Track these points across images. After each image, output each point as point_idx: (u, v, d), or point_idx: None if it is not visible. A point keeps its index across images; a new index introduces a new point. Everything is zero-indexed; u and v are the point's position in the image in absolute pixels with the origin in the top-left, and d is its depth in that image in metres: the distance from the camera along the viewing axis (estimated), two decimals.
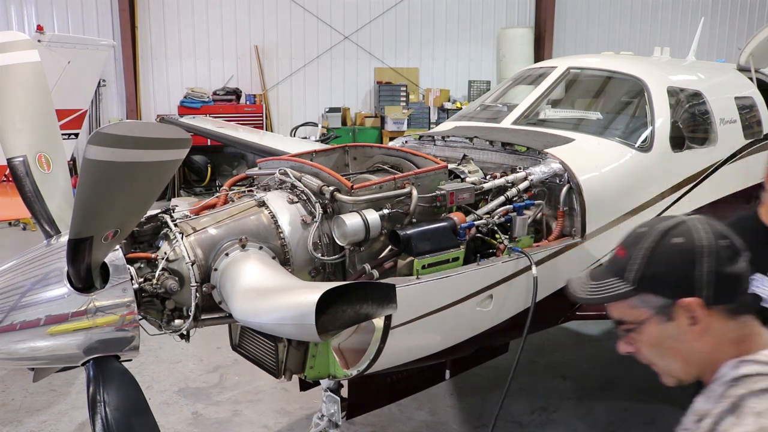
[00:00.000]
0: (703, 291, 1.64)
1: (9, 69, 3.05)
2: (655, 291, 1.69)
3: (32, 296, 2.60)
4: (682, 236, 1.68)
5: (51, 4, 13.42)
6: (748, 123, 5.71)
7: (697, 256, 1.64)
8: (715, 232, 1.67)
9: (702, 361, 1.70)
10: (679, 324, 1.68)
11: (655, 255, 1.69)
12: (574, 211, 3.98)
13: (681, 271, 1.66)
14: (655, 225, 1.75)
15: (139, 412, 2.59)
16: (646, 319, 1.71)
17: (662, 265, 1.68)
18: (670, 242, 1.68)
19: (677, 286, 1.66)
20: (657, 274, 1.69)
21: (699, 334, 1.67)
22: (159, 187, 2.37)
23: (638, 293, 1.71)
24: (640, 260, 1.71)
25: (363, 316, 2.48)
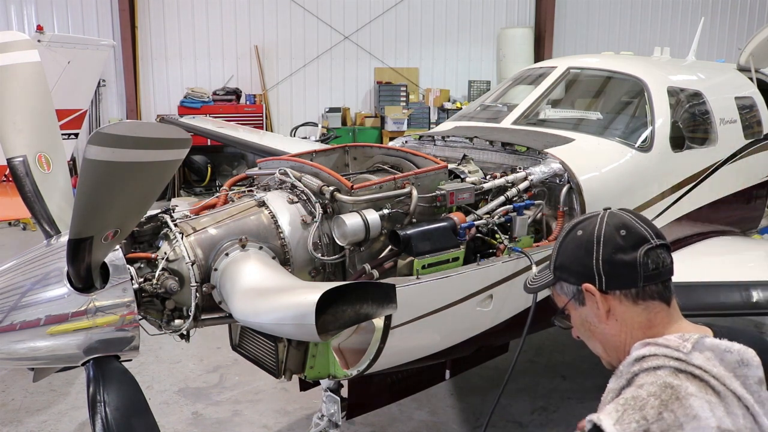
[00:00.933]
0: (597, 277, 1.81)
1: (9, 69, 3.05)
2: (566, 279, 1.90)
3: (32, 296, 2.60)
4: (583, 229, 1.87)
5: (51, 4, 13.42)
6: (748, 123, 5.72)
7: (594, 245, 1.82)
8: (616, 225, 1.83)
9: (616, 343, 1.85)
10: (590, 308, 1.86)
11: (563, 247, 1.92)
12: (574, 211, 3.98)
13: (580, 260, 1.84)
14: (574, 220, 1.96)
15: (139, 412, 2.59)
16: (567, 304, 1.93)
17: (568, 256, 1.89)
18: (574, 234, 1.88)
19: (579, 273, 1.85)
20: (565, 264, 1.90)
21: (605, 317, 1.84)
22: (159, 187, 2.37)
23: (557, 282, 1.94)
24: (555, 252, 1.94)
25: (363, 316, 2.48)
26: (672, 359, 1.65)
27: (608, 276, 1.80)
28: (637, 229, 1.83)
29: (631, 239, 1.81)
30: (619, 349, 1.84)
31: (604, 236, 1.81)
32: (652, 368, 1.65)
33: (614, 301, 1.82)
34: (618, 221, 1.84)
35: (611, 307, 1.82)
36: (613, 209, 1.91)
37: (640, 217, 1.89)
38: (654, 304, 1.81)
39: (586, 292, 1.83)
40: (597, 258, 1.80)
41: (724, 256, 5.13)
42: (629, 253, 1.79)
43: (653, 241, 1.82)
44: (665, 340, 1.72)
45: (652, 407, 1.54)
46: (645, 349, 1.71)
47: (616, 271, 1.80)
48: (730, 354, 1.66)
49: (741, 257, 5.23)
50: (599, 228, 1.83)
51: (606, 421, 1.55)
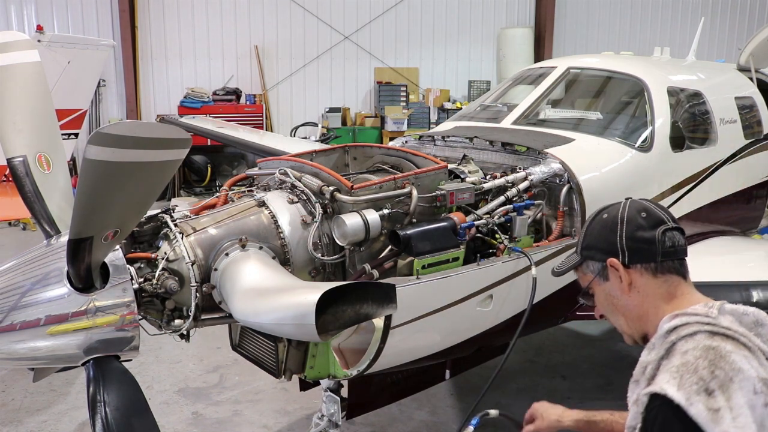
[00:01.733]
0: (621, 252, 2.03)
1: (9, 69, 3.05)
2: (592, 257, 2.12)
3: (32, 296, 2.60)
4: (608, 212, 2.11)
5: (51, 4, 13.43)
6: (748, 123, 5.71)
7: (618, 225, 2.05)
8: (638, 208, 2.07)
9: (637, 314, 2.05)
10: (613, 282, 2.07)
11: (589, 229, 2.15)
12: (574, 211, 3.97)
13: (605, 237, 2.07)
14: (600, 208, 2.17)
15: (139, 412, 2.59)
16: (592, 282, 2.13)
17: (594, 236, 2.12)
18: (600, 217, 2.12)
19: (605, 250, 2.07)
20: (591, 244, 2.13)
21: (627, 289, 2.04)
22: (159, 187, 2.37)
23: (583, 261, 2.16)
24: (582, 235, 2.18)
25: (363, 316, 2.48)
26: (704, 324, 1.82)
27: (630, 251, 2.02)
28: (656, 212, 2.06)
29: (651, 220, 2.03)
30: (642, 319, 2.04)
31: (627, 217, 2.05)
32: (689, 335, 1.80)
33: (636, 274, 2.02)
34: (639, 206, 2.08)
35: (633, 280, 2.02)
36: (634, 198, 2.14)
37: (658, 204, 2.12)
38: (672, 278, 2.02)
39: (610, 267, 2.05)
40: (621, 235, 2.03)
41: (724, 256, 5.13)
42: (649, 231, 2.02)
43: (670, 223, 2.04)
44: (693, 309, 1.90)
45: (704, 368, 1.69)
46: (676, 320, 1.87)
47: (638, 246, 2.02)
48: (747, 316, 1.88)
49: (741, 257, 5.23)
50: (623, 211, 2.07)
51: (670, 389, 1.68)
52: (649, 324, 2.01)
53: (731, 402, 1.65)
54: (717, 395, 1.65)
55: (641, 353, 1.95)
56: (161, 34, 14.11)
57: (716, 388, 1.66)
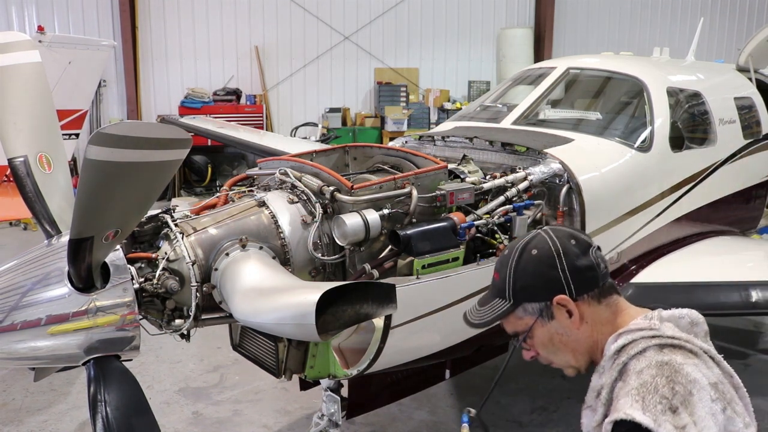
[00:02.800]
0: (566, 287, 1.92)
1: (10, 69, 3.05)
2: (531, 299, 1.96)
3: (33, 296, 2.60)
4: (536, 247, 1.96)
5: (52, 5, 13.43)
6: (748, 123, 5.72)
7: (556, 259, 1.93)
8: (565, 236, 1.97)
9: (588, 346, 1.97)
10: (560, 320, 1.95)
11: (519, 269, 1.97)
12: (573, 211, 3.98)
13: (545, 275, 1.93)
14: (515, 245, 2.03)
15: (140, 411, 2.59)
16: (533, 325, 1.98)
17: (529, 276, 1.96)
18: (529, 255, 1.97)
19: (547, 288, 1.93)
20: (527, 285, 1.96)
21: (578, 323, 1.94)
22: (159, 187, 2.38)
23: (518, 305, 1.98)
24: (510, 277, 1.98)
25: (363, 315, 2.49)
26: (650, 338, 1.80)
27: (576, 282, 1.92)
28: (580, 236, 2.00)
29: (581, 245, 1.96)
30: (591, 350, 1.97)
31: (562, 248, 1.94)
32: (639, 352, 1.78)
33: (584, 306, 1.94)
34: (564, 233, 1.99)
35: (582, 313, 1.94)
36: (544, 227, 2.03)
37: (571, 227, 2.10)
38: (612, 298, 1.98)
39: (557, 305, 1.93)
40: (563, 269, 1.92)
41: (723, 256, 5.14)
42: (585, 257, 1.94)
43: (594, 244, 1.99)
44: (635, 324, 1.87)
45: (663, 386, 1.67)
46: (621, 339, 1.84)
47: (582, 276, 1.93)
48: (683, 319, 1.88)
49: (740, 257, 5.24)
50: (552, 242, 1.95)
51: (635, 413, 1.64)
52: (597, 351, 1.96)
53: (695, 416, 1.65)
54: (681, 412, 1.64)
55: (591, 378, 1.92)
56: (162, 34, 14.11)
57: (679, 404, 1.65)
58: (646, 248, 4.65)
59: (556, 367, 2.07)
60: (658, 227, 4.66)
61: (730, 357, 6.21)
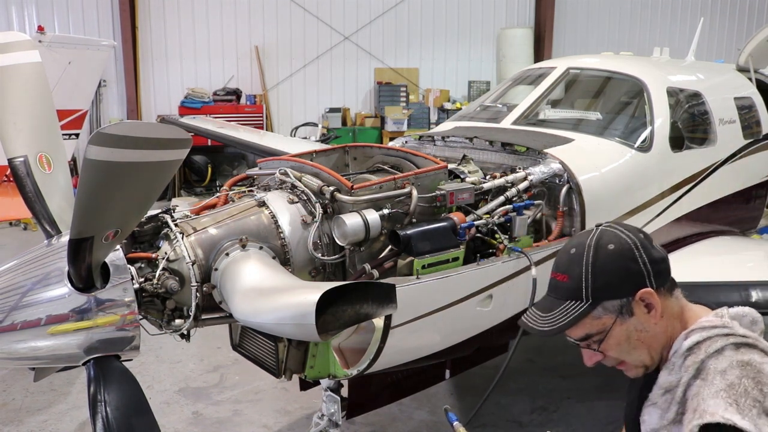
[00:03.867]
0: (648, 279, 1.86)
1: (10, 69, 3.05)
2: (612, 296, 1.87)
3: (33, 296, 2.60)
4: (612, 242, 1.88)
5: (52, 5, 13.42)
6: (748, 123, 5.72)
7: (635, 251, 1.87)
8: (634, 230, 1.91)
9: (664, 341, 1.91)
10: (639, 316, 1.87)
11: (597, 267, 1.87)
12: (573, 211, 3.98)
13: (626, 270, 1.86)
14: (581, 243, 1.93)
15: (140, 411, 2.59)
16: (612, 324, 1.88)
17: (608, 273, 1.87)
18: (606, 251, 1.88)
19: (628, 283, 1.86)
20: (607, 282, 1.87)
21: (658, 317, 1.88)
22: (159, 187, 2.38)
23: (597, 304, 1.87)
24: (587, 277, 1.88)
25: (363, 315, 2.49)
26: (725, 336, 1.76)
27: (656, 274, 1.87)
28: (644, 231, 1.94)
29: (649, 238, 1.92)
30: (666, 345, 1.91)
31: (639, 241, 1.88)
32: (717, 351, 1.73)
33: (661, 298, 1.88)
34: (631, 227, 1.93)
35: (663, 305, 1.89)
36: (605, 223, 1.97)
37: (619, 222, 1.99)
38: (677, 292, 1.94)
39: (638, 300, 1.86)
40: (644, 261, 1.86)
41: (723, 256, 5.14)
42: (657, 249, 1.90)
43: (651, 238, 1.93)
44: (707, 321, 1.84)
45: (752, 388, 1.63)
46: (694, 336, 1.80)
47: (659, 268, 1.88)
48: (745, 317, 1.86)
49: (740, 257, 5.24)
50: (627, 236, 1.89)
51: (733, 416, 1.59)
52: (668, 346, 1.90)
53: None
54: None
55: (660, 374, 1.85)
56: (162, 34, 14.11)
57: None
58: None
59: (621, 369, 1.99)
60: (658, 227, 4.65)
61: None
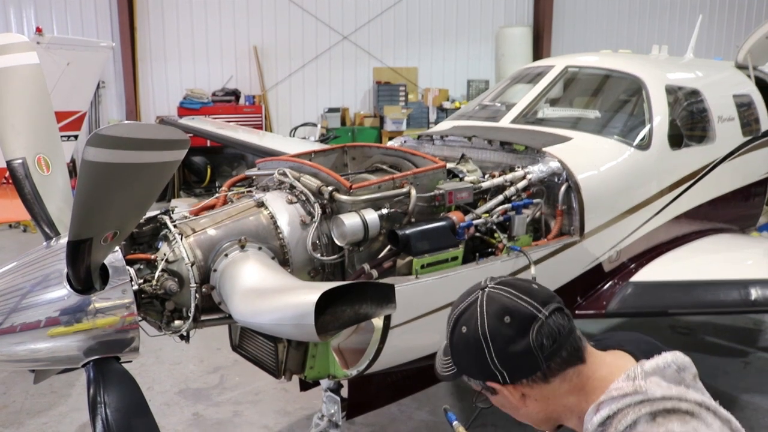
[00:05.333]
0: (498, 374, 1.66)
1: (8, 71, 3.05)
2: (468, 374, 1.75)
3: (32, 298, 2.60)
4: (466, 324, 1.69)
5: (50, 6, 13.43)
6: (746, 120, 5.72)
7: (483, 344, 1.65)
8: (497, 312, 1.66)
9: (543, 417, 1.74)
10: (502, 397, 1.72)
11: (453, 345, 1.76)
12: (572, 210, 3.98)
13: (474, 360, 1.69)
14: (455, 307, 1.77)
15: (140, 413, 2.59)
16: (480, 392, 1.78)
17: (461, 356, 1.74)
18: (460, 332, 1.71)
19: (478, 371, 1.70)
20: (461, 364, 1.75)
21: (521, 402, 1.71)
22: (158, 189, 2.37)
23: (460, 375, 1.77)
24: (448, 349, 1.79)
25: (362, 316, 2.49)
26: (638, 405, 1.54)
27: (508, 370, 1.66)
28: (520, 310, 1.65)
29: (518, 324, 1.64)
30: (551, 418, 1.75)
31: (490, 332, 1.65)
32: (628, 427, 1.53)
33: (525, 388, 1.69)
34: (498, 307, 1.66)
35: (524, 393, 1.70)
36: (489, 287, 1.71)
37: (520, 287, 1.71)
38: (568, 372, 1.67)
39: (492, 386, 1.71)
40: (491, 357, 1.65)
41: (722, 254, 5.14)
42: (521, 340, 1.63)
43: (541, 314, 1.65)
44: (616, 390, 1.60)
45: None
46: (603, 411, 1.58)
47: (515, 363, 1.65)
48: (669, 368, 1.60)
49: (739, 255, 5.23)
50: (481, 322, 1.66)
51: None
52: (564, 419, 1.74)
53: None
54: None
55: None
56: (160, 35, 14.11)
57: None
58: (646, 246, 4.65)
59: None
60: (658, 225, 4.66)
61: (731, 355, 6.22)
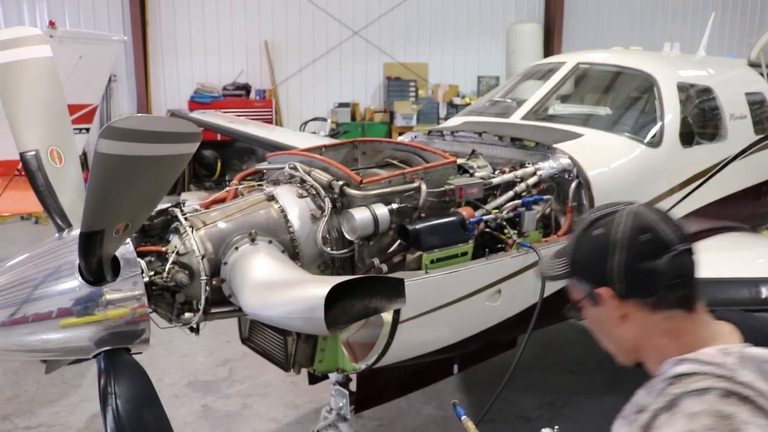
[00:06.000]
0: (614, 283, 1.67)
1: (21, 64, 3.07)
2: (581, 277, 1.76)
3: (44, 289, 2.62)
4: (602, 227, 1.71)
5: (62, 0, 13.48)
6: (759, 119, 5.69)
7: (610, 249, 1.67)
8: (639, 227, 1.67)
9: (633, 347, 1.75)
10: (605, 309, 1.73)
11: (579, 243, 1.77)
12: (582, 207, 3.97)
13: (595, 262, 1.70)
14: (592, 213, 1.80)
15: (150, 404, 2.60)
16: (581, 300, 1.79)
17: (583, 254, 1.75)
18: (591, 233, 1.73)
19: (594, 275, 1.71)
20: (579, 262, 1.76)
21: (620, 321, 1.72)
22: (169, 181, 2.38)
23: (571, 276, 1.79)
24: (571, 245, 1.80)
25: (372, 310, 2.49)
26: (717, 378, 1.49)
27: (626, 283, 1.66)
28: (660, 234, 1.66)
29: (653, 245, 1.65)
30: (636, 351, 1.75)
31: (626, 240, 1.66)
32: (698, 391, 1.48)
33: (631, 308, 1.69)
34: (641, 223, 1.67)
35: (628, 313, 1.70)
36: (637, 206, 1.73)
37: (665, 216, 1.71)
38: (675, 313, 1.67)
39: (599, 295, 1.71)
40: (615, 263, 1.66)
41: (733, 252, 5.11)
42: (650, 260, 1.64)
43: (677, 247, 1.65)
44: (704, 354, 1.57)
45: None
46: (683, 366, 1.56)
47: (635, 279, 1.66)
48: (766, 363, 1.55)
49: (751, 253, 5.21)
50: (620, 230, 1.67)
51: None
52: (646, 357, 1.74)
53: None
54: None
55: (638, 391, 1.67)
56: (172, 29, 14.14)
57: None
58: None
59: None
60: None
61: None
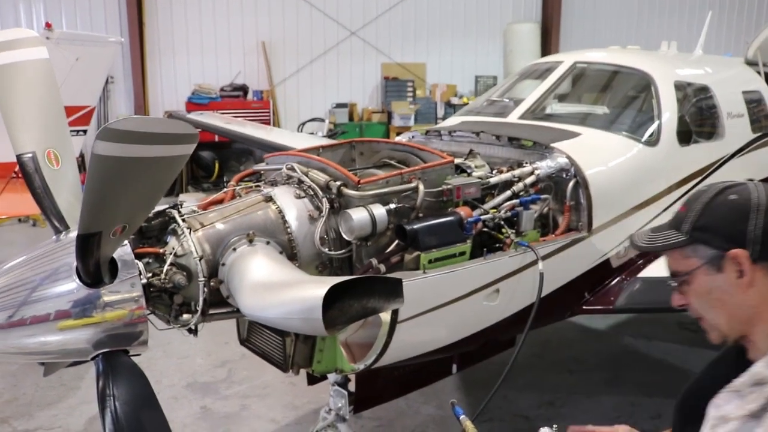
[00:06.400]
0: (751, 245, 1.71)
1: (18, 66, 3.05)
2: (707, 242, 1.78)
3: (42, 291, 2.61)
4: (739, 194, 1.77)
5: (59, 2, 13.49)
6: (756, 117, 5.70)
7: (751, 211, 1.73)
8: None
9: (747, 316, 1.77)
10: (727, 276, 1.75)
11: (710, 208, 1.80)
12: (580, 206, 3.98)
13: (733, 224, 1.74)
14: (716, 184, 1.85)
15: (148, 406, 2.60)
16: (696, 269, 1.80)
17: (716, 218, 1.78)
18: (726, 198, 1.78)
19: (728, 237, 1.74)
20: (710, 226, 1.78)
21: (745, 286, 1.74)
22: (167, 183, 2.37)
23: (691, 243, 1.80)
24: (696, 212, 1.81)
25: (370, 310, 2.48)
26: None
27: (761, 246, 1.72)
28: None
29: None
30: (751, 322, 1.77)
31: (762, 204, 1.73)
32: None
33: (760, 273, 1.74)
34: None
35: (755, 280, 1.74)
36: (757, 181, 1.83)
37: None
38: None
39: (731, 259, 1.74)
40: (755, 225, 1.71)
41: None
42: None
43: None
44: None
45: None
46: None
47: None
48: None
49: None
50: (758, 195, 1.75)
51: None
52: (757, 329, 1.76)
53: None
54: None
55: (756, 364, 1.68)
56: (168, 30, 14.15)
57: None
58: None
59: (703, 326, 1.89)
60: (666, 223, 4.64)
61: None
